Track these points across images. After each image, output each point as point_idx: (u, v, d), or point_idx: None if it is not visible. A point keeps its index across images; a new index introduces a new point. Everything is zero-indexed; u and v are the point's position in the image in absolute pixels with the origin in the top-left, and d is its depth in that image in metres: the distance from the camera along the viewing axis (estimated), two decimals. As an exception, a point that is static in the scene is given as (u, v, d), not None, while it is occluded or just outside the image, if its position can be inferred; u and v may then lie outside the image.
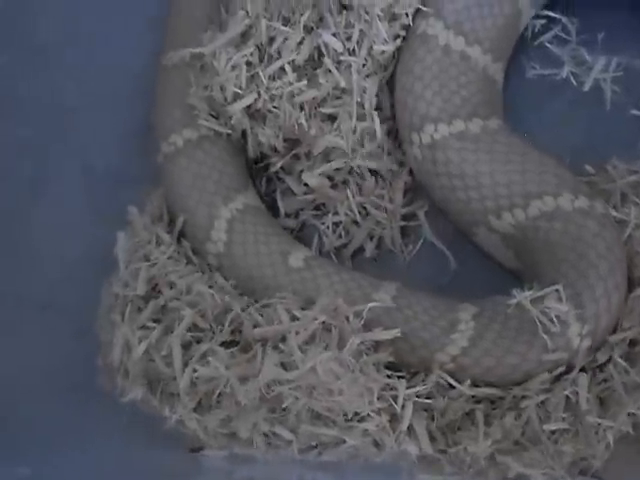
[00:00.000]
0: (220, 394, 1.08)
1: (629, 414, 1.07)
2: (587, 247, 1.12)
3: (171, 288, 1.17)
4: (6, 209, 1.34)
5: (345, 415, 1.06)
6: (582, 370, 1.11)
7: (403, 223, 1.27)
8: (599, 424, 1.07)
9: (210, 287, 1.17)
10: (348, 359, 1.07)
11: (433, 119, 1.19)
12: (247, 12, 1.21)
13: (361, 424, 1.06)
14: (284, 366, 1.07)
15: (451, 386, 1.12)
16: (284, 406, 1.06)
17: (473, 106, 1.19)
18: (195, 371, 1.10)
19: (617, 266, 1.13)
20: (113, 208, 1.30)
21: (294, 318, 1.11)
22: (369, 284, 1.16)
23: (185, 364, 1.11)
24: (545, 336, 1.08)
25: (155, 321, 1.16)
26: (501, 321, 1.11)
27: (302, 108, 1.19)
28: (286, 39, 1.19)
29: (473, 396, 1.11)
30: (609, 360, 1.12)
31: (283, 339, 1.09)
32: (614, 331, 1.13)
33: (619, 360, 1.10)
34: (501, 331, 1.11)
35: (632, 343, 1.13)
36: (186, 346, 1.14)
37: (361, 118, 1.21)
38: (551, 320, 1.09)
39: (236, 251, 1.20)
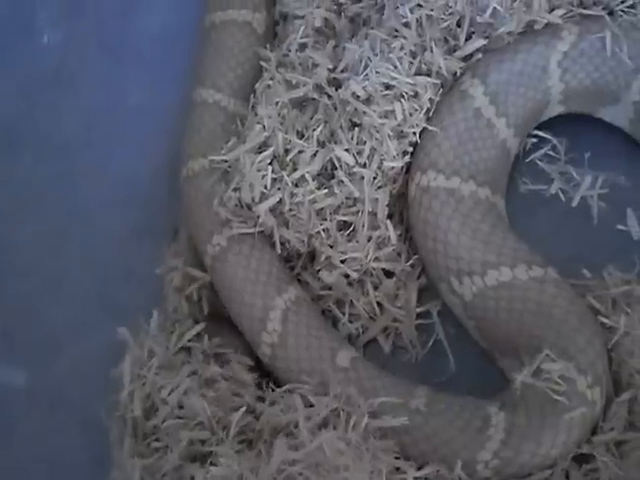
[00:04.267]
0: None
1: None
2: (550, 307, 1.19)
3: (166, 404, 1.18)
4: (19, 306, 1.38)
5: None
6: (573, 460, 1.16)
7: (418, 321, 1.32)
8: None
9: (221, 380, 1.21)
10: (355, 439, 1.09)
11: (438, 169, 1.26)
12: (264, 126, 1.27)
13: (373, 507, 1.07)
14: (293, 448, 1.09)
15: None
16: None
17: (476, 171, 1.27)
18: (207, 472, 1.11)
19: (586, 317, 1.19)
20: (122, 303, 1.36)
21: (310, 405, 1.14)
22: (406, 390, 1.20)
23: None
24: (561, 398, 1.13)
25: (158, 440, 1.18)
26: (523, 405, 1.15)
27: (318, 214, 1.25)
28: (301, 151, 1.26)
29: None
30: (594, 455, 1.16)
31: (296, 425, 1.12)
32: (595, 432, 1.16)
33: (604, 459, 1.14)
34: (527, 414, 1.14)
35: (618, 443, 1.16)
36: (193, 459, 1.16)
37: (375, 226, 1.27)
38: (557, 382, 1.13)
39: (290, 342, 1.23)
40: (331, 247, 1.26)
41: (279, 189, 1.25)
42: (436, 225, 1.25)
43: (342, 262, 1.27)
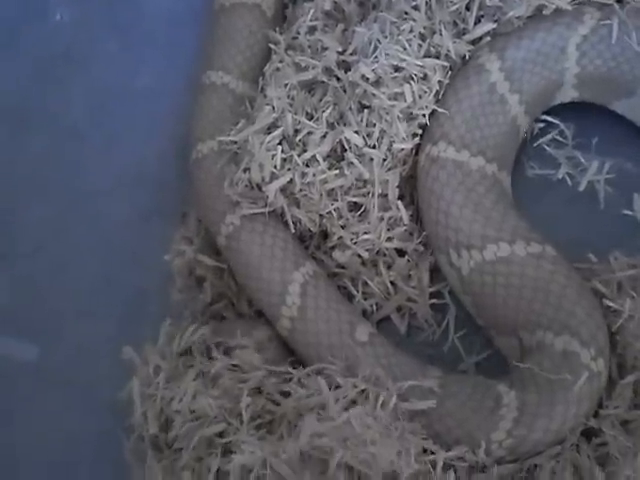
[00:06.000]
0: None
1: (627, 477, 1.11)
2: (548, 283, 1.20)
3: (179, 413, 1.18)
4: (27, 287, 1.39)
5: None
6: (582, 434, 1.17)
7: (432, 301, 1.32)
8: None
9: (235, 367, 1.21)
10: (383, 415, 1.10)
11: (449, 141, 1.27)
12: (273, 107, 1.28)
13: (400, 489, 1.07)
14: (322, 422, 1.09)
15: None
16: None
17: (486, 146, 1.28)
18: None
19: (584, 291, 1.20)
20: (130, 286, 1.37)
21: (337, 386, 1.14)
22: (420, 370, 1.21)
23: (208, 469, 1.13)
24: (567, 372, 1.14)
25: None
26: (532, 382, 1.16)
27: (329, 195, 1.26)
28: (310, 132, 1.26)
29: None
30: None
31: (323, 407, 1.12)
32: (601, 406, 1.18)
33: (611, 432, 1.15)
34: (537, 390, 1.15)
35: (624, 422, 1.18)
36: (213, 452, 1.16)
37: (386, 207, 1.28)
38: (561, 356, 1.15)
39: (309, 315, 1.24)
40: (343, 228, 1.27)
41: (289, 169, 1.25)
42: (440, 195, 1.26)
43: (354, 243, 1.27)
